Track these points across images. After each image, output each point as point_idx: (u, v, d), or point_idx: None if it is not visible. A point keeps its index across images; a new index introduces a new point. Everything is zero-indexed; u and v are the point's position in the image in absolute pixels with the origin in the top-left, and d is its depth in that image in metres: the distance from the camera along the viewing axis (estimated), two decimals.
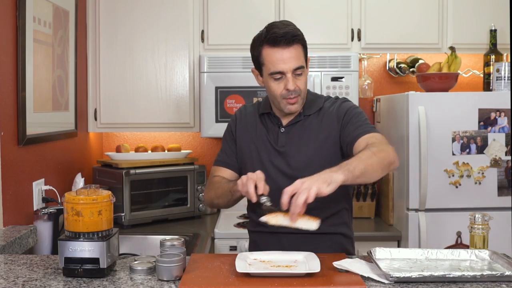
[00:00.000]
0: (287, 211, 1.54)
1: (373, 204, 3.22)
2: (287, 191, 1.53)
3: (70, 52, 2.85)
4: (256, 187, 1.64)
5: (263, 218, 1.59)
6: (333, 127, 1.89)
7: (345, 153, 1.87)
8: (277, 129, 1.94)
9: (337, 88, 3.05)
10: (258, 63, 1.88)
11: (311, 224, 1.56)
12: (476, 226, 1.67)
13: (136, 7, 3.16)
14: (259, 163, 1.92)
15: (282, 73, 1.81)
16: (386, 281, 1.41)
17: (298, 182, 1.54)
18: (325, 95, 2.09)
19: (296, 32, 1.82)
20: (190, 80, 3.20)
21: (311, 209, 1.86)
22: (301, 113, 1.92)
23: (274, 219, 1.55)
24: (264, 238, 1.94)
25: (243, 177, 1.69)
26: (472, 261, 1.59)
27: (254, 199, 1.63)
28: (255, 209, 1.87)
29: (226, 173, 2.00)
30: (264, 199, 1.64)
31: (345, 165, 1.60)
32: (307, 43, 1.88)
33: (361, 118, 1.88)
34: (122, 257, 1.69)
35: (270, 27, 1.83)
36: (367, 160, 1.63)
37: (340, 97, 2.01)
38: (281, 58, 1.79)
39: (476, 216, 1.67)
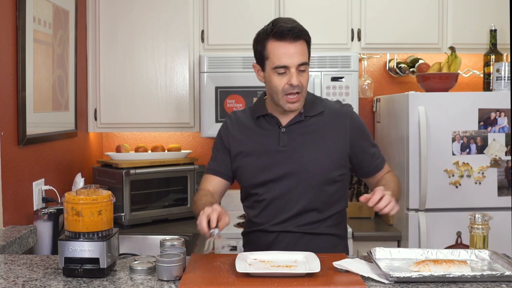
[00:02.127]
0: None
1: None
2: (379, 191, 1.65)
3: (70, 52, 2.85)
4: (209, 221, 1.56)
5: (414, 269, 1.50)
6: (342, 134, 1.90)
7: (358, 173, 2.02)
8: (277, 129, 1.90)
9: (337, 88, 3.05)
10: (261, 57, 1.85)
11: (465, 269, 1.48)
12: (476, 226, 1.67)
13: (136, 7, 3.16)
14: (261, 168, 1.88)
15: (286, 67, 1.79)
16: (386, 281, 1.41)
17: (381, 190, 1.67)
18: (323, 95, 2.10)
19: (302, 28, 1.82)
20: (190, 80, 3.20)
21: (311, 210, 1.87)
22: (301, 113, 1.89)
23: (425, 268, 1.48)
24: (261, 236, 1.93)
25: (201, 213, 1.60)
26: (472, 261, 1.59)
27: (207, 234, 1.56)
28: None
29: (215, 180, 1.97)
30: (213, 232, 1.56)
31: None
32: None
33: (373, 142, 2.00)
34: (122, 257, 1.69)
35: (276, 22, 1.82)
36: (398, 187, 1.95)
37: (340, 97, 2.03)
38: (287, 52, 1.78)
39: (476, 216, 1.67)
